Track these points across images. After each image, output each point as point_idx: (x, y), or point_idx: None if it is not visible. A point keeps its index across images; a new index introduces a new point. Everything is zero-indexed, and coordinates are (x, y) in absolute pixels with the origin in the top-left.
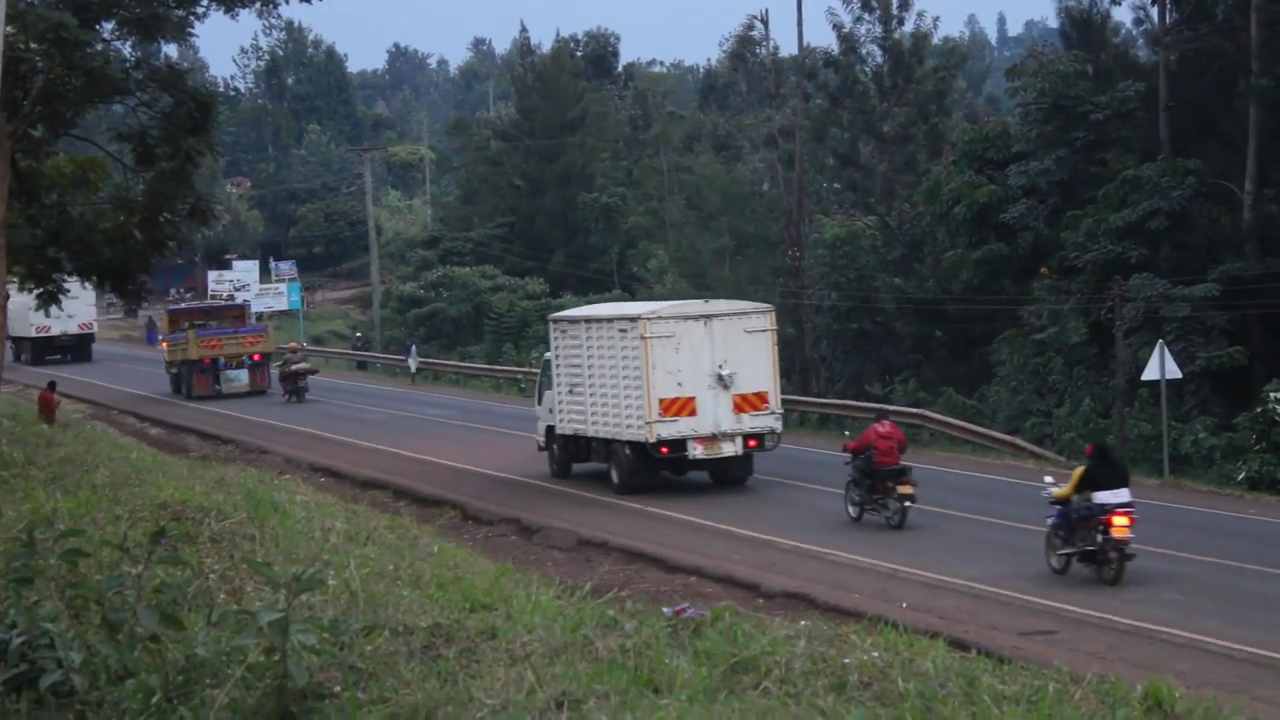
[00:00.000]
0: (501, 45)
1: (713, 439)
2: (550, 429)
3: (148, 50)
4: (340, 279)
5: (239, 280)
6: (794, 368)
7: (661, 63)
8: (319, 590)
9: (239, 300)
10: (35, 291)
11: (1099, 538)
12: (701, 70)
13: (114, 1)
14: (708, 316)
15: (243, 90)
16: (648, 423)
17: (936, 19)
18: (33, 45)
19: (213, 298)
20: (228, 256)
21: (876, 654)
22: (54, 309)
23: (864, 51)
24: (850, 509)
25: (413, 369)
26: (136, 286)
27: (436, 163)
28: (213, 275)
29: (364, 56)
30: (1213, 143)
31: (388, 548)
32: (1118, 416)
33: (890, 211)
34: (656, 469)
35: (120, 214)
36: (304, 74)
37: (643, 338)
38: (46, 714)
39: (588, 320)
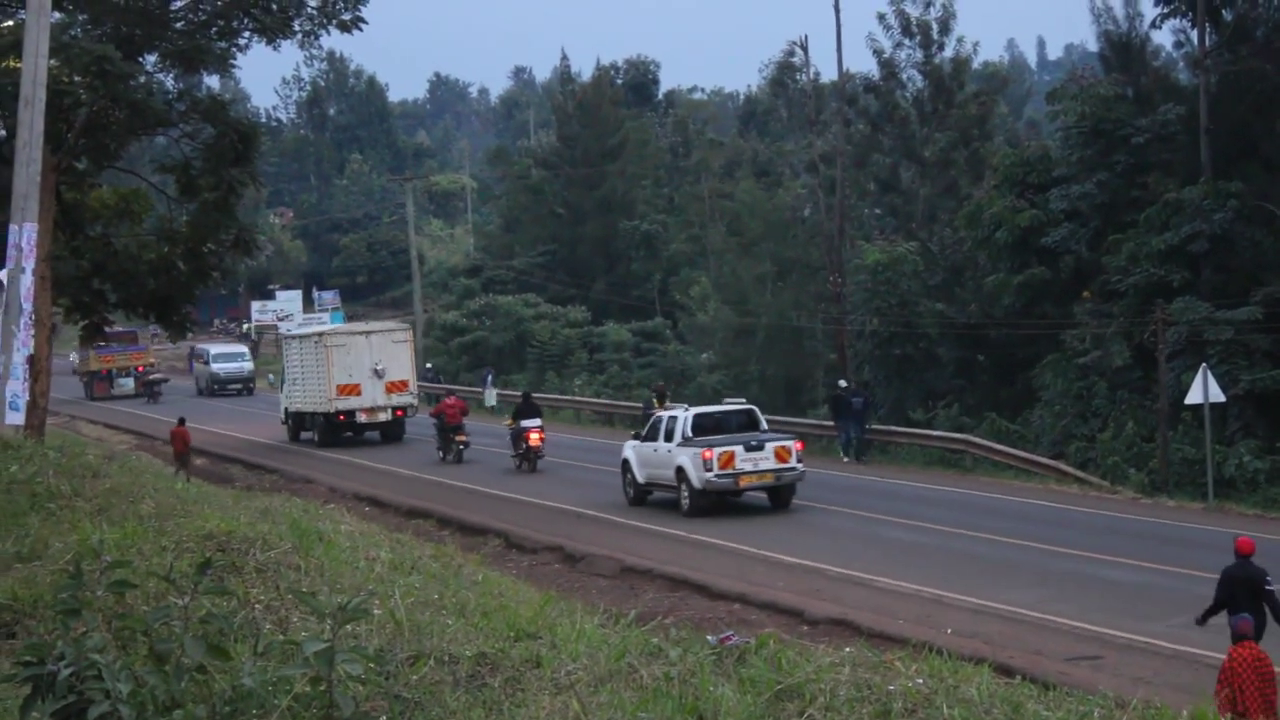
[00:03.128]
0: (542, 74)
1: (372, 410)
2: (286, 409)
3: (190, 82)
4: (383, 308)
5: (282, 310)
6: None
7: (702, 89)
8: (364, 620)
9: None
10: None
11: (524, 446)
12: (742, 96)
13: (157, 34)
14: (368, 332)
15: (284, 121)
16: (331, 400)
17: (976, 44)
18: (76, 78)
19: (257, 326)
20: (271, 286)
21: (921, 680)
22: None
23: (905, 77)
24: (438, 452)
25: (490, 401)
26: (181, 317)
27: (478, 191)
28: (256, 305)
29: (405, 86)
30: (1254, 165)
31: (432, 577)
32: (1161, 440)
33: (932, 236)
34: (340, 431)
35: (164, 245)
36: (345, 104)
37: (326, 347)
38: None
39: (300, 337)
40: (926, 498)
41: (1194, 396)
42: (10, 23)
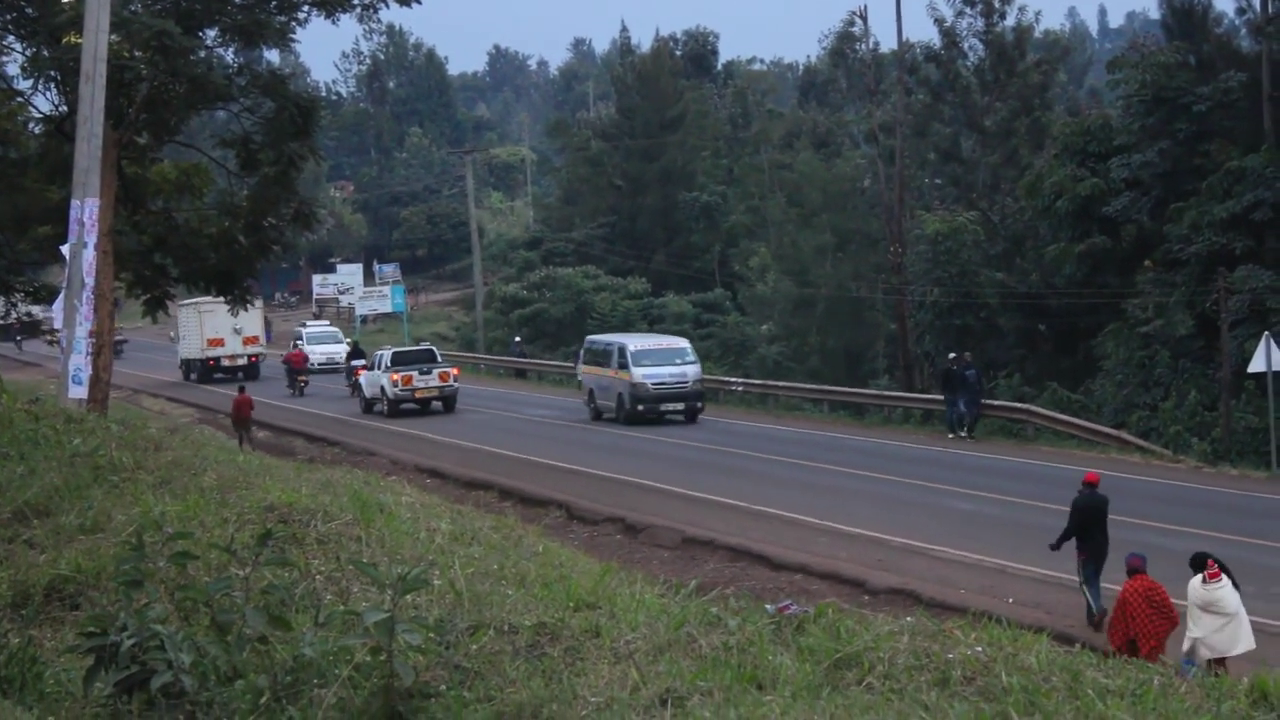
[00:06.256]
0: (601, 45)
1: (233, 358)
2: (181, 358)
3: (250, 56)
4: (443, 281)
5: (343, 283)
6: (897, 364)
7: (761, 60)
8: (424, 590)
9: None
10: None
11: (354, 379)
12: (801, 67)
13: (217, 9)
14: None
15: (344, 94)
16: (203, 350)
17: (1038, 13)
18: (137, 53)
19: (317, 300)
20: (332, 260)
21: (980, 649)
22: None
23: (966, 46)
24: (288, 389)
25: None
26: (242, 290)
27: (537, 164)
28: (317, 279)
29: (464, 59)
30: None
31: (493, 547)
32: (1224, 409)
33: (992, 206)
34: (211, 372)
35: (225, 219)
36: (405, 77)
37: (200, 312)
38: (157, 714)
39: (185, 305)
40: (988, 468)
41: (1257, 365)
42: None
